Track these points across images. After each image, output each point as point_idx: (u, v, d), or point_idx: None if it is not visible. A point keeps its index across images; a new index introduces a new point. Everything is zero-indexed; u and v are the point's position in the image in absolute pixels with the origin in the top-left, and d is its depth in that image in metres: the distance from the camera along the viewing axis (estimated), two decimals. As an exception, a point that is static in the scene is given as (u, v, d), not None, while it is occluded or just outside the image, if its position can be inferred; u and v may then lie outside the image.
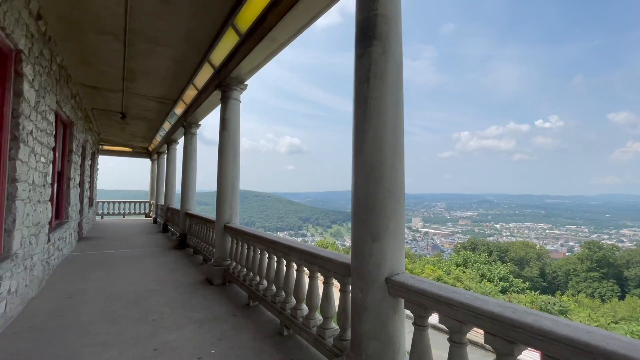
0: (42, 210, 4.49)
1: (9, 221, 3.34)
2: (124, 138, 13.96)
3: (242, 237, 4.58)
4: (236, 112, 5.32)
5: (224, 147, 5.20)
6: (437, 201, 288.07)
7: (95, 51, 5.39)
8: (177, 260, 6.61)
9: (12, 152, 3.37)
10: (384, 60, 2.12)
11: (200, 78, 6.25)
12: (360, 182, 2.12)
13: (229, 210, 5.15)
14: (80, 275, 5.27)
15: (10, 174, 3.35)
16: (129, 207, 17.34)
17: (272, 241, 3.61)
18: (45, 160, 4.60)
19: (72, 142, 7.04)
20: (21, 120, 3.46)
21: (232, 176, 5.20)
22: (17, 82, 3.42)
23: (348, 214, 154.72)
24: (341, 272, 2.46)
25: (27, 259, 3.91)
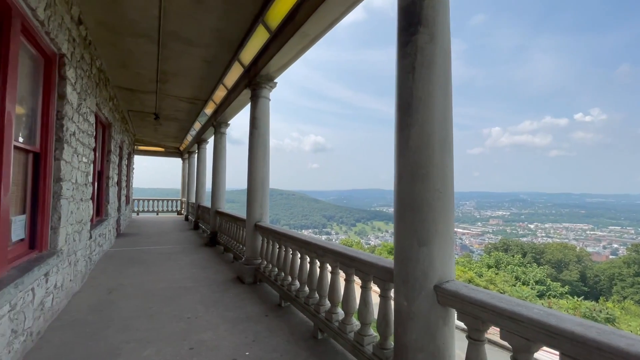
0: (84, 208, 4.68)
1: (55, 219, 3.48)
2: (157, 138, 14.50)
3: (273, 236, 4.53)
4: (266, 111, 5.29)
5: (254, 145, 5.18)
6: (466, 200, 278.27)
7: (131, 54, 5.56)
8: (209, 258, 6.73)
9: (56, 152, 3.51)
10: (431, 48, 1.95)
11: (230, 77, 6.30)
12: (404, 180, 1.97)
13: (259, 209, 5.14)
14: (118, 271, 5.47)
15: (55, 174, 3.48)
16: (162, 204, 18.05)
17: (306, 241, 3.53)
18: (87, 160, 4.79)
19: (111, 143, 7.35)
20: (65, 121, 3.59)
21: (262, 175, 5.18)
22: (60, 85, 3.56)
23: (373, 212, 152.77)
24: (382, 277, 2.32)
25: (72, 255, 4.09)
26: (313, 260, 3.42)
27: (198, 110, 9.10)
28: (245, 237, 5.37)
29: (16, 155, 2.95)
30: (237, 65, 5.71)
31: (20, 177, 3.07)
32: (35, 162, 3.28)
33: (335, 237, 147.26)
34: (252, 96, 5.28)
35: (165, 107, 8.95)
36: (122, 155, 9.62)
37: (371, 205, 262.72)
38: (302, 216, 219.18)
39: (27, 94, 3.09)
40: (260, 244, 5.07)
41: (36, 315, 2.93)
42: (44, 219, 3.33)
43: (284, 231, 4.22)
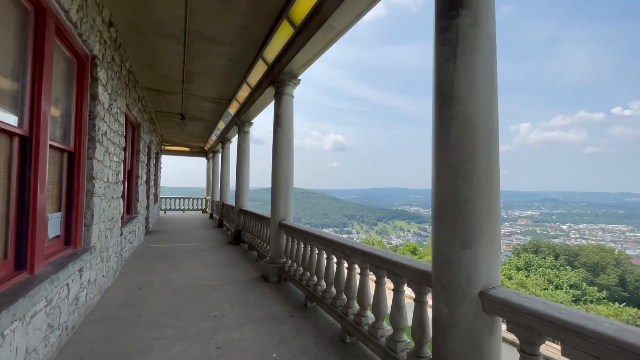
0: (116, 205, 4.82)
1: (88, 216, 3.58)
2: (183, 138, 14.89)
3: (298, 235, 4.47)
4: (290, 108, 5.23)
5: (278, 143, 5.14)
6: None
7: (158, 55, 5.66)
8: (233, 256, 6.78)
9: (89, 151, 3.60)
10: (475, 33, 1.78)
11: (254, 76, 6.29)
12: (445, 177, 1.82)
13: (284, 207, 5.09)
14: (147, 267, 5.60)
15: (88, 172, 3.58)
16: (187, 203, 18.56)
17: (332, 241, 3.42)
18: (118, 160, 4.92)
19: (140, 143, 7.56)
20: (97, 121, 3.68)
21: (287, 173, 5.13)
22: (92, 86, 3.64)
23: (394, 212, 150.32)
24: (417, 281, 2.18)
25: (104, 252, 4.20)
26: (340, 260, 3.31)
27: (222, 110, 9.22)
28: (270, 236, 5.35)
29: (52, 154, 3.04)
30: (260, 64, 5.69)
31: (56, 175, 3.16)
32: (70, 161, 3.37)
33: (356, 236, 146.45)
34: (276, 94, 5.24)
35: (190, 107, 9.13)
36: (150, 154, 9.92)
37: (392, 204, 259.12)
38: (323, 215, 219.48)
39: (62, 95, 3.17)
40: (284, 242, 5.02)
41: (71, 310, 3.01)
42: (78, 216, 3.42)
43: (310, 230, 4.14)
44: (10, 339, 1.93)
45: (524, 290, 28.95)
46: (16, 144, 2.31)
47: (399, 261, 2.33)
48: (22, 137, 2.35)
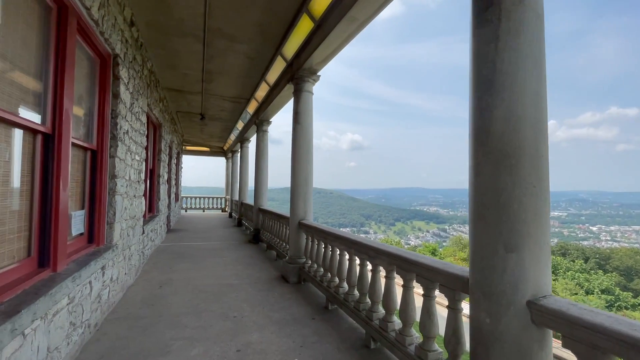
0: (137, 204, 4.86)
1: (110, 214, 3.60)
2: (203, 138, 15.12)
3: (318, 235, 4.35)
4: (309, 105, 5.12)
5: (298, 141, 5.04)
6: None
7: (178, 55, 5.69)
8: (252, 255, 6.74)
9: (111, 150, 3.62)
10: (521, 11, 1.59)
11: (272, 74, 6.23)
12: (486, 173, 1.64)
13: (303, 206, 4.98)
14: (168, 265, 5.64)
15: (110, 171, 3.59)
16: (207, 202, 18.86)
17: (355, 241, 3.28)
18: (139, 158, 4.96)
19: (161, 142, 7.68)
20: (118, 120, 3.70)
21: (306, 171, 5.02)
22: (114, 85, 3.66)
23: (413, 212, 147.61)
24: (451, 286, 2.00)
25: (126, 249, 4.23)
26: (363, 262, 3.16)
27: (241, 109, 9.24)
28: (289, 236, 5.26)
29: (75, 152, 3.05)
30: (279, 61, 5.61)
31: (79, 174, 3.17)
32: (93, 159, 3.39)
33: (374, 236, 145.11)
34: (295, 90, 5.14)
35: (210, 107, 9.20)
36: (171, 154, 10.08)
37: (411, 205, 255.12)
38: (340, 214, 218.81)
39: (85, 94, 3.19)
40: (304, 242, 4.91)
41: (93, 307, 3.01)
42: (100, 214, 3.44)
43: (330, 230, 4.01)
44: (32, 338, 1.91)
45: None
46: (39, 141, 2.31)
47: (430, 264, 2.16)
48: (44, 134, 2.35)
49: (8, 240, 2.05)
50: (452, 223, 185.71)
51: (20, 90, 2.11)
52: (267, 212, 7.63)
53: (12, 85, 2.01)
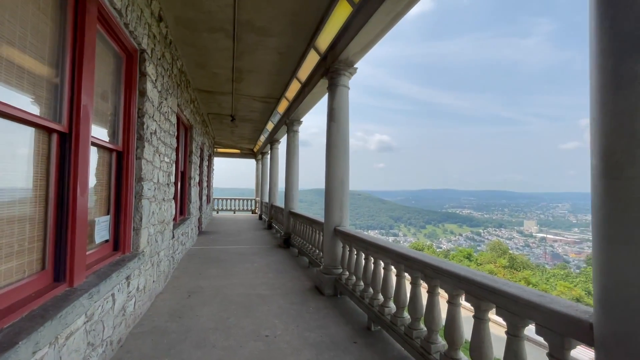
0: (167, 208, 4.68)
1: (137, 220, 3.38)
2: (233, 140, 15.18)
3: (357, 244, 3.90)
4: (345, 101, 4.69)
5: (333, 140, 4.62)
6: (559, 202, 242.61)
7: (207, 53, 5.49)
8: (283, 261, 6.41)
9: (138, 151, 3.40)
10: None
11: (304, 70, 5.87)
12: (633, 170, 1.12)
13: (339, 211, 4.55)
14: (198, 271, 5.44)
15: (136, 173, 3.38)
16: (238, 204, 19.00)
17: (405, 255, 2.79)
18: (169, 160, 4.79)
19: (192, 144, 7.59)
20: (145, 119, 3.48)
21: (342, 173, 4.59)
22: (141, 82, 3.45)
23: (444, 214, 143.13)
24: (557, 329, 1.48)
25: (154, 256, 4.03)
26: (416, 280, 2.67)
27: (271, 109, 9.01)
28: (323, 243, 4.85)
29: (99, 154, 2.84)
30: (312, 55, 5.24)
31: (104, 176, 2.97)
32: (118, 161, 3.18)
33: (403, 239, 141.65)
34: (330, 85, 4.73)
35: (240, 108, 9.05)
36: (202, 156, 10.07)
37: (442, 207, 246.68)
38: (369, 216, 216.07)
39: (109, 91, 2.98)
40: (340, 251, 4.48)
41: (117, 322, 2.77)
42: (126, 219, 3.22)
43: (373, 239, 3.55)
44: (37, 370, 1.63)
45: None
46: (55, 141, 2.07)
47: (520, 296, 1.64)
48: (60, 133, 2.10)
49: (17, 253, 1.81)
50: (487, 226, 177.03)
51: (31, 83, 1.86)
52: (299, 216, 7.29)
53: (20, 78, 1.77)
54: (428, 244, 66.01)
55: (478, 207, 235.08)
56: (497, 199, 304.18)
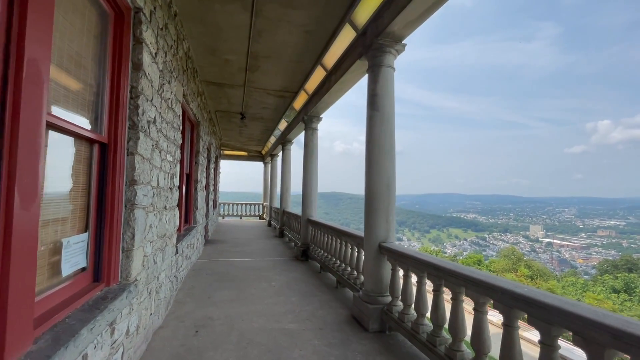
0: (169, 218, 3.77)
1: (127, 237, 2.47)
2: (241, 142, 14.32)
3: (416, 267, 2.95)
4: (390, 85, 3.78)
5: (376, 133, 3.70)
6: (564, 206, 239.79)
7: (220, 32, 4.62)
8: (305, 279, 5.47)
9: (130, 144, 2.50)
10: None
11: (332, 53, 4.97)
12: None
13: (385, 223, 3.62)
14: (207, 293, 4.52)
15: (128, 174, 2.48)
16: (245, 209, 18.09)
17: (503, 288, 1.84)
18: (172, 159, 3.90)
19: (199, 143, 6.71)
20: (141, 102, 2.59)
21: (389, 175, 3.66)
22: (135, 51, 2.56)
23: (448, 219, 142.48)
24: None
25: (152, 281, 3.11)
26: (513, 321, 1.72)
27: (286, 105, 8.12)
28: (363, 263, 3.92)
29: (74, 146, 1.95)
30: (345, 32, 4.35)
31: (81, 177, 2.07)
32: (102, 157, 2.29)
33: (408, 243, 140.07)
34: (371, 66, 3.83)
35: (251, 104, 8.18)
36: (209, 157, 9.20)
37: (447, 211, 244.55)
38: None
39: (91, 59, 2.09)
40: (388, 274, 3.54)
41: (92, 395, 1.85)
42: (112, 238, 2.31)
43: (444, 263, 2.61)
44: None
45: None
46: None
47: None
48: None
49: None
50: (492, 231, 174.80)
51: None
52: (321, 225, 6.34)
53: None
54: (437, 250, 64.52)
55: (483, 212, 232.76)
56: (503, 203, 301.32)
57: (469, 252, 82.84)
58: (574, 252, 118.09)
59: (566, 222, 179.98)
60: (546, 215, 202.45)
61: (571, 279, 35.43)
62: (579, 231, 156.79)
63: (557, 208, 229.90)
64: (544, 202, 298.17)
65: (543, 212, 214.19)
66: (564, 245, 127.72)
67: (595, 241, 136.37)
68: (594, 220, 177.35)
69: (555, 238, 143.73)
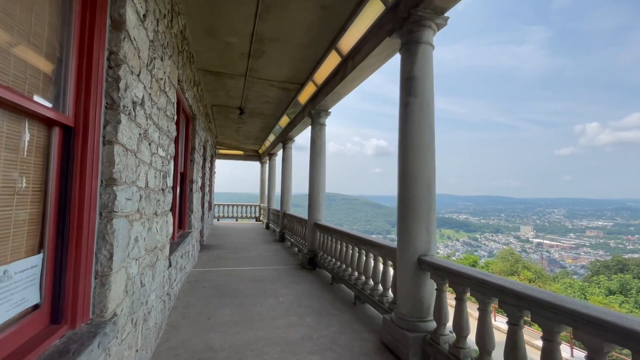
0: (161, 226, 3.09)
1: (103, 257, 1.79)
2: (238, 140, 13.59)
3: (482, 291, 2.33)
4: (429, 65, 3.16)
5: (414, 124, 3.08)
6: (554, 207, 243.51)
7: (221, 6, 3.95)
8: (318, 293, 4.80)
9: (107, 129, 1.82)
10: None
11: (352, 34, 4.33)
12: None
13: (425, 233, 2.99)
14: (205, 313, 3.83)
15: (104, 171, 1.80)
16: (241, 210, 17.32)
17: None
18: (166, 155, 3.21)
19: (195, 139, 6.01)
20: (123, 73, 1.91)
21: (429, 174, 3.04)
22: (116, 3, 1.88)
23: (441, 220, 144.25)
24: None
25: (139, 309, 2.43)
26: None
27: (290, 99, 7.46)
28: (397, 279, 3.28)
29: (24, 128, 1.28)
30: (371, 7, 3.72)
31: (33, 174, 1.40)
32: (66, 146, 1.61)
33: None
34: (406, 44, 3.20)
35: (252, 97, 7.50)
36: (205, 156, 8.48)
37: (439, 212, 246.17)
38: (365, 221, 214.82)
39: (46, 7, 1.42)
40: (431, 294, 2.92)
41: None
42: (80, 259, 1.64)
43: (535, 292, 1.99)
44: None
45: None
46: None
47: None
48: None
49: None
50: (483, 232, 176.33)
51: None
52: (333, 231, 5.68)
53: None
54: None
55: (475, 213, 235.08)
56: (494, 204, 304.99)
57: (462, 253, 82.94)
58: (563, 252, 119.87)
59: (556, 223, 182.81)
60: (536, 216, 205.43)
61: (568, 281, 35.36)
62: (568, 231, 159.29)
63: (547, 209, 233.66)
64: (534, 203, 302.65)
65: (533, 212, 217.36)
66: (554, 246, 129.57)
67: (584, 241, 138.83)
68: (583, 220, 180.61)
69: (545, 238, 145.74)
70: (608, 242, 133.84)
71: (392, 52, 3.97)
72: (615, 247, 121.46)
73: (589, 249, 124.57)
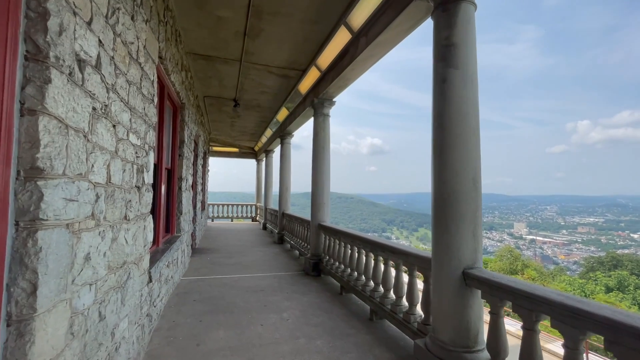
0: (135, 233, 2.42)
1: (20, 293, 1.13)
2: (232, 136, 12.88)
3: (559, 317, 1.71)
4: (472, 31, 2.53)
5: (454, 101, 2.45)
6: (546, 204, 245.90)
7: (212, -33, 3.29)
8: (326, 306, 4.16)
9: (28, 90, 1.16)
10: None
11: (366, 4, 3.69)
12: None
13: (472, 240, 2.37)
14: (195, 336, 3.17)
15: (23, 154, 1.14)
16: (236, 210, 16.61)
17: None
18: (141, 143, 2.54)
19: (184, 131, 5.32)
20: (55, 6, 1.25)
21: (474, 166, 2.42)
22: None
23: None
24: None
25: (96, 352, 1.77)
26: None
27: (290, 88, 6.80)
28: (431, 295, 2.65)
29: None
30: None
31: None
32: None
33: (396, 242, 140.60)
34: (441, 4, 2.57)
35: (248, 87, 6.83)
36: (197, 152, 7.78)
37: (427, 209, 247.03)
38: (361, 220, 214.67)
39: None
40: (477, 316, 2.30)
41: None
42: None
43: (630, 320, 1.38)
44: None
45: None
46: None
47: None
48: None
49: None
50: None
51: None
52: (341, 234, 5.03)
53: None
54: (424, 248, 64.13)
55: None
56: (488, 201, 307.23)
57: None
58: (556, 249, 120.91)
59: (548, 220, 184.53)
60: (529, 213, 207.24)
61: (567, 278, 35.21)
62: (560, 228, 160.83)
63: (539, 206, 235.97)
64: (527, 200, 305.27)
65: (526, 209, 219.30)
66: (547, 242, 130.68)
67: (576, 237, 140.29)
68: (574, 217, 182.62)
69: (538, 235, 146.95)
70: (599, 238, 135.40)
71: (415, 23, 3.33)
72: (606, 242, 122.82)
73: (581, 245, 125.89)
